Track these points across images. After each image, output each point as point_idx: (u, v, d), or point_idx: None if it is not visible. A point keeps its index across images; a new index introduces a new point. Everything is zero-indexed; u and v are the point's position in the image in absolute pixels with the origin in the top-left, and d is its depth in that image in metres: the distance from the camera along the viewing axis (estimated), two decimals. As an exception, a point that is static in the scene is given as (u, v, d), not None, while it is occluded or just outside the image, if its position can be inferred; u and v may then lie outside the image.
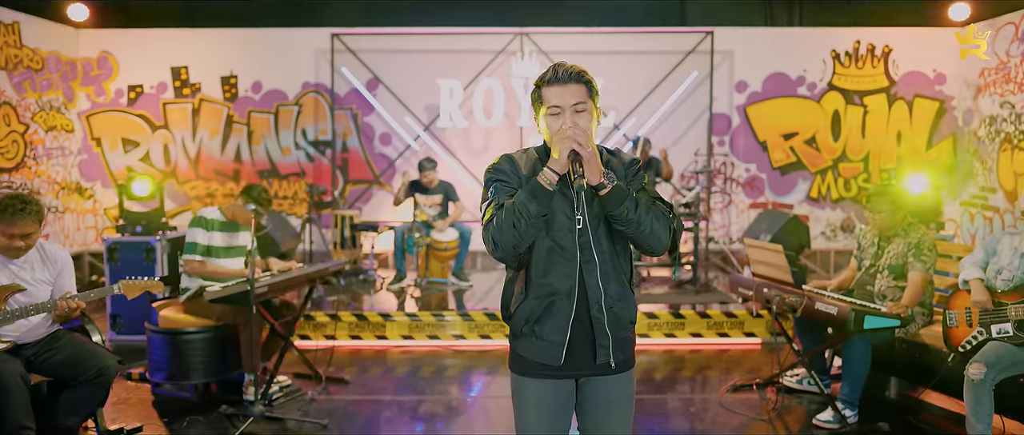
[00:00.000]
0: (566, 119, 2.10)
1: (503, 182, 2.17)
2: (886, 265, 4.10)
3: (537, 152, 2.24)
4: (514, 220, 2.03)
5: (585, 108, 2.11)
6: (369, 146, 8.34)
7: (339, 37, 8.02)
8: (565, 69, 2.12)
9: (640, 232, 2.10)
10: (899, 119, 8.16)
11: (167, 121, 8.26)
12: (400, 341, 5.75)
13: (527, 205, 2.03)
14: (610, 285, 2.16)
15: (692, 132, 8.28)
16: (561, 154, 2.02)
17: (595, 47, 8.09)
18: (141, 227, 5.88)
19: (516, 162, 2.21)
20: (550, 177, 2.03)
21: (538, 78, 2.17)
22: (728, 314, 5.78)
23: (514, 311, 2.22)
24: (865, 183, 8.23)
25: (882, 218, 4.05)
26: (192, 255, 4.46)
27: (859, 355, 3.93)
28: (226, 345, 4.49)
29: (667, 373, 5.17)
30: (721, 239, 8.31)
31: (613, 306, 2.17)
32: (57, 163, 7.78)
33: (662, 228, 2.13)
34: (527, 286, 2.19)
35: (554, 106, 2.12)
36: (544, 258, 2.15)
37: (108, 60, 8.12)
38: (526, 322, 2.18)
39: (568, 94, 2.10)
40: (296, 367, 4.98)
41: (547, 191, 2.04)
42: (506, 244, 2.06)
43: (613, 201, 2.07)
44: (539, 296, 2.16)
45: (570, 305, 2.14)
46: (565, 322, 2.14)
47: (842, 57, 8.13)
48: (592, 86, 2.14)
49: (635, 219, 2.08)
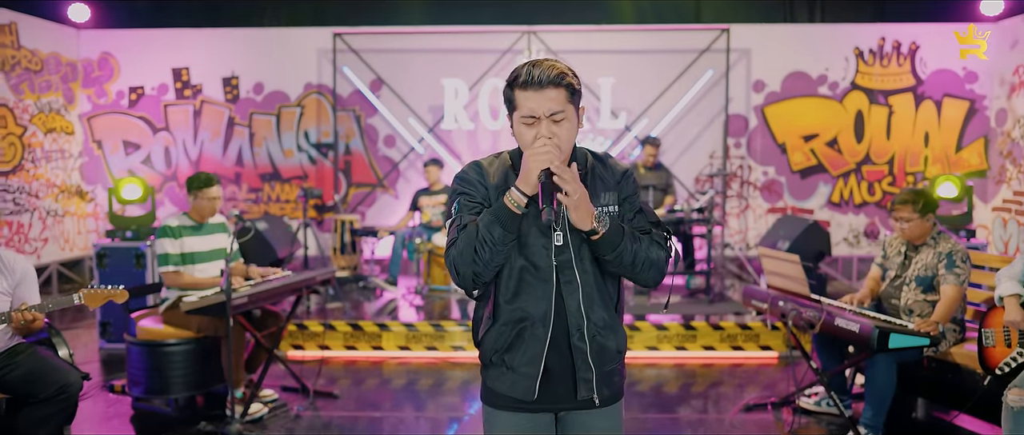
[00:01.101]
0: (542, 130, 1.78)
1: (468, 195, 1.87)
2: (914, 276, 3.76)
3: (511, 157, 1.93)
4: (476, 245, 1.75)
5: (564, 117, 1.79)
6: (373, 148, 8.12)
7: (341, 36, 7.81)
8: (542, 70, 1.77)
9: (634, 272, 1.84)
10: (926, 120, 7.78)
11: (168, 123, 8.10)
12: (397, 352, 5.51)
13: (490, 229, 1.74)
14: (594, 310, 1.87)
15: (707, 134, 7.96)
16: (531, 174, 1.72)
17: (605, 45, 7.78)
18: (132, 232, 5.69)
19: (485, 171, 1.90)
20: (518, 199, 1.73)
21: (511, 76, 1.84)
22: (742, 326, 5.46)
23: (482, 338, 1.95)
24: (890, 187, 7.85)
25: (911, 226, 3.71)
26: (165, 267, 4.23)
27: (884, 375, 3.60)
28: (207, 358, 4.26)
29: (677, 389, 4.88)
30: (737, 246, 7.98)
31: (597, 335, 1.88)
32: (57, 166, 7.64)
33: (658, 265, 1.87)
34: (495, 310, 1.91)
35: (528, 116, 1.80)
36: (514, 278, 1.86)
37: (109, 61, 7.98)
38: (495, 351, 1.90)
39: (545, 100, 1.77)
40: (285, 379, 4.75)
41: (513, 215, 1.74)
42: (466, 272, 1.79)
43: (607, 246, 1.79)
44: (508, 322, 1.88)
45: (545, 332, 1.85)
46: (539, 351, 1.85)
47: (866, 54, 7.75)
48: (573, 88, 1.80)
49: (629, 263, 1.81)
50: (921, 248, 3.78)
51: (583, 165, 1.91)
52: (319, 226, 8.08)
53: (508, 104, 1.86)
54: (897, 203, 3.77)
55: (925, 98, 7.75)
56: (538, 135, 1.77)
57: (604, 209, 1.83)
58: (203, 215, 4.34)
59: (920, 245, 3.79)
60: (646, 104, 7.80)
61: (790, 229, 6.45)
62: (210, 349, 4.25)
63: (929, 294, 3.72)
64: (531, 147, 1.74)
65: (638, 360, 5.35)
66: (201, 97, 8.06)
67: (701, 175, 7.96)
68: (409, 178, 8.12)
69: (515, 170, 1.87)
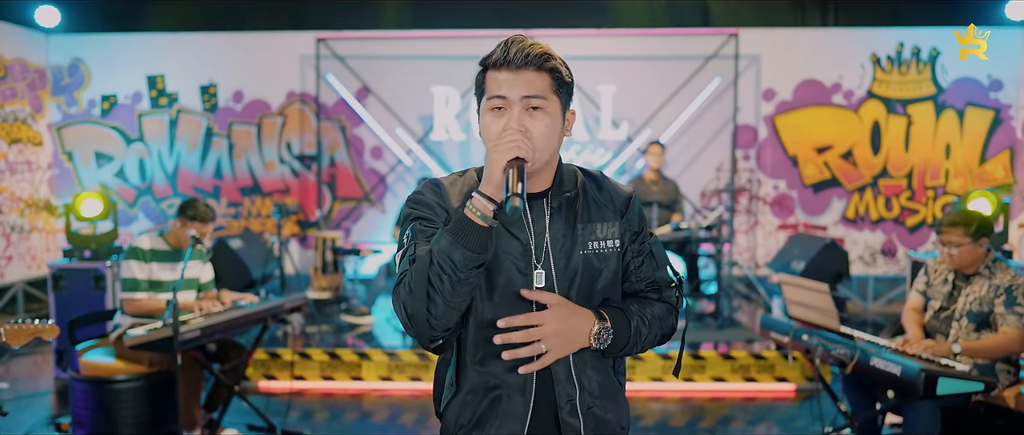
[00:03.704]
0: (512, 120, 1.36)
1: (424, 220, 1.43)
2: (965, 311, 3.27)
3: (479, 175, 1.50)
4: (430, 275, 1.31)
5: (543, 106, 1.38)
6: (359, 161, 7.67)
7: (325, 42, 7.38)
8: (521, 47, 1.38)
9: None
10: (948, 130, 7.33)
11: (143, 134, 7.65)
12: (378, 383, 5.04)
13: (449, 254, 1.30)
14: (587, 375, 1.44)
15: (714, 145, 7.51)
16: (494, 169, 1.30)
17: (605, 51, 7.36)
18: (91, 252, 5.23)
19: (445, 191, 1.47)
20: (482, 206, 1.30)
21: (483, 57, 1.44)
22: (755, 356, 5.00)
23: (444, 409, 1.51)
24: (908, 202, 7.41)
25: (961, 252, 3.22)
26: (132, 293, 3.80)
27: (926, 421, 3.13)
28: (160, 395, 3.80)
29: (684, 424, 4.44)
30: (746, 264, 7.52)
31: (594, 407, 1.45)
32: (22, 179, 7.19)
33: (666, 336, 1.53)
34: (458, 374, 1.47)
35: (497, 96, 1.38)
36: (483, 332, 1.42)
37: (80, 68, 7.55)
38: (460, 427, 1.47)
39: (520, 83, 1.37)
40: (251, 417, 4.27)
41: (479, 229, 1.30)
42: (419, 313, 1.33)
43: (614, 350, 1.45)
44: (477, 389, 1.45)
45: (525, 404, 1.43)
46: (518, 429, 1.43)
47: (883, 61, 7.31)
48: (561, 77, 1.40)
49: (637, 352, 1.49)
50: (972, 278, 3.29)
51: (572, 185, 1.49)
52: (302, 243, 7.62)
53: (478, 92, 1.45)
54: (945, 225, 3.28)
55: (946, 107, 7.31)
56: (506, 126, 1.36)
57: (603, 326, 1.43)
58: (181, 243, 3.92)
59: (971, 274, 3.31)
60: (649, 113, 7.37)
61: (805, 248, 6.01)
62: (163, 385, 3.79)
63: (984, 332, 3.23)
64: (495, 138, 1.35)
65: (642, 393, 4.89)
66: (177, 106, 7.62)
67: (707, 189, 7.52)
68: (397, 192, 7.66)
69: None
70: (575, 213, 1.47)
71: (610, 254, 1.48)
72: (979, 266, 3.27)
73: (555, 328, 1.36)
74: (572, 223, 1.46)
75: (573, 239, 1.45)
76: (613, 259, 1.49)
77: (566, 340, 1.37)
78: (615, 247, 1.49)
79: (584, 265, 1.46)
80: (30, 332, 2.97)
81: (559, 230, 1.45)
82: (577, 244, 1.46)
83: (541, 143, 1.38)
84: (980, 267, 3.27)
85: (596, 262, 1.47)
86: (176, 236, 3.95)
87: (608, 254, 1.48)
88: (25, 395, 4.82)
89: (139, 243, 3.88)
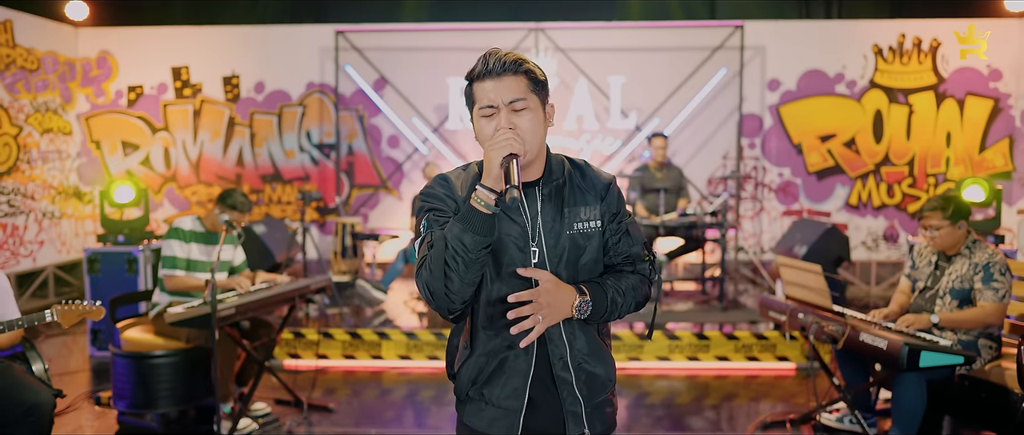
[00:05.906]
0: (501, 120, 1.64)
1: (437, 211, 1.71)
2: (947, 289, 3.50)
3: (479, 167, 1.76)
4: (446, 258, 1.58)
5: (526, 105, 1.65)
6: (376, 149, 7.92)
7: (344, 34, 7.61)
8: (497, 58, 1.66)
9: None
10: (948, 119, 7.50)
11: (167, 123, 7.93)
12: (397, 361, 5.30)
13: (461, 238, 1.57)
14: (577, 336, 1.72)
15: (720, 134, 7.71)
16: (492, 164, 1.56)
17: (615, 43, 7.53)
18: (124, 236, 5.51)
19: (452, 184, 1.74)
20: (485, 197, 1.56)
21: (467, 72, 1.72)
22: (758, 336, 5.22)
23: (458, 370, 1.78)
24: (910, 189, 7.58)
25: (941, 234, 3.45)
26: (172, 270, 4.05)
27: (912, 393, 3.36)
28: (196, 370, 4.06)
29: (689, 402, 4.65)
30: (751, 250, 7.72)
31: (583, 363, 1.73)
32: (53, 167, 7.49)
33: (639, 304, 1.78)
34: (472, 339, 1.75)
35: (487, 106, 1.65)
36: (492, 305, 1.70)
37: (107, 60, 7.82)
38: (473, 384, 1.75)
39: (503, 88, 1.64)
40: (279, 392, 4.54)
41: (484, 216, 1.57)
42: (440, 291, 1.60)
43: (594, 319, 1.70)
44: (487, 352, 1.72)
45: (528, 363, 1.70)
46: (522, 384, 1.71)
47: (885, 52, 7.47)
48: (535, 77, 1.68)
49: (615, 319, 1.75)
50: (954, 258, 3.52)
51: (560, 173, 1.76)
52: (321, 229, 7.89)
53: (468, 103, 1.73)
54: (925, 210, 3.51)
55: (947, 97, 7.47)
56: (498, 127, 1.63)
57: (583, 299, 1.67)
58: (216, 227, 4.18)
59: (953, 255, 3.53)
60: (657, 103, 7.56)
61: (807, 233, 6.20)
62: (199, 361, 4.05)
63: (966, 308, 3.46)
64: (490, 139, 1.61)
65: (648, 371, 5.12)
66: (201, 96, 7.88)
67: (714, 176, 7.71)
68: (413, 179, 7.91)
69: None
70: (562, 199, 1.73)
71: (593, 233, 1.74)
72: (960, 246, 3.49)
73: (546, 300, 1.61)
74: (560, 207, 1.72)
75: (561, 221, 1.71)
76: (595, 237, 1.75)
77: (554, 311, 1.62)
78: (597, 227, 1.74)
79: (571, 244, 1.71)
80: (80, 313, 3.17)
81: (549, 214, 1.71)
82: (564, 226, 1.72)
83: (529, 136, 1.64)
84: (961, 247, 3.49)
85: (581, 240, 1.73)
86: (211, 220, 4.20)
87: (591, 233, 1.74)
88: (60, 373, 5.08)
89: (181, 224, 4.13)
